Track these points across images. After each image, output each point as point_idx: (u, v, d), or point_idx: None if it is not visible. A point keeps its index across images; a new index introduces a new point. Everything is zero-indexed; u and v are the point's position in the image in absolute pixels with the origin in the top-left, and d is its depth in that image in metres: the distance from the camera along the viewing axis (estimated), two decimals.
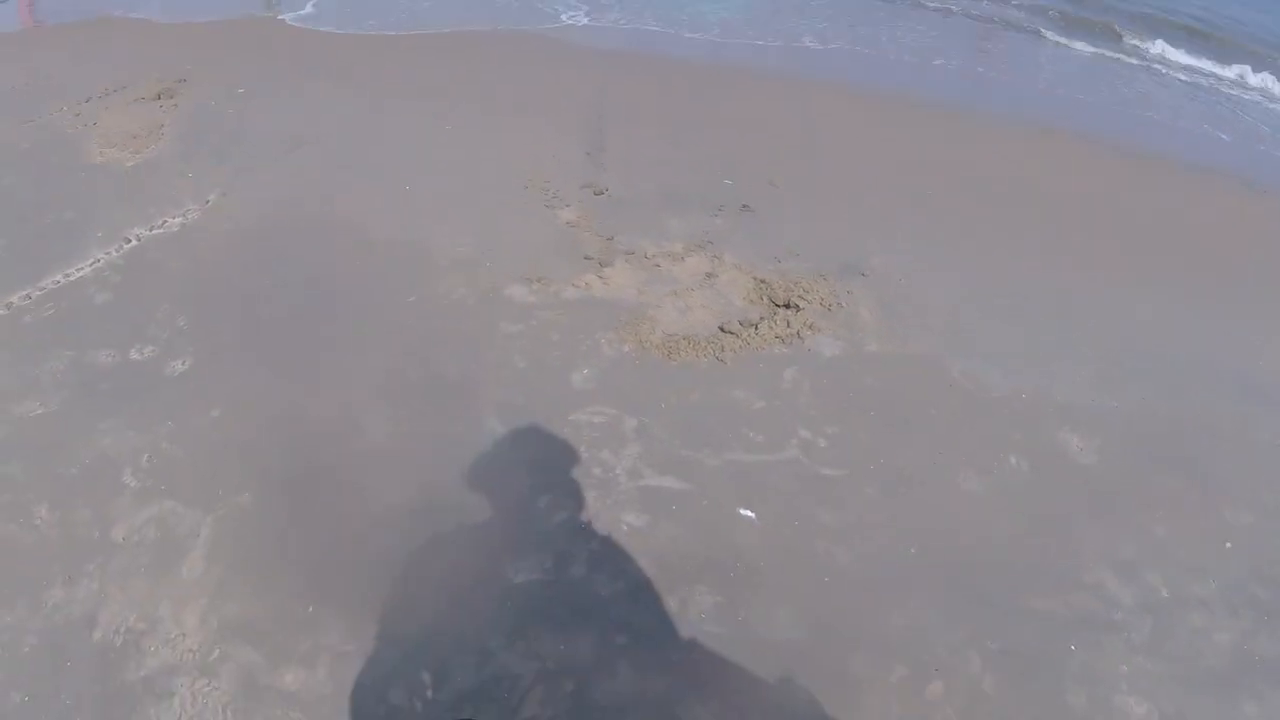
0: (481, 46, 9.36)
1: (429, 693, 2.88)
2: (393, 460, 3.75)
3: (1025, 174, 7.28)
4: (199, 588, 3.22)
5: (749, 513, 3.65)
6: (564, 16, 11.62)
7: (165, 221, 5.44)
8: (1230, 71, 13.35)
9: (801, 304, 4.97)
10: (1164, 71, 13.05)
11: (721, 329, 4.71)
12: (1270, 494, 4.07)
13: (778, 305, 4.98)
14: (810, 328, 4.78)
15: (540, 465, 3.75)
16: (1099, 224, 6.56)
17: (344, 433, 3.90)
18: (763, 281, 5.15)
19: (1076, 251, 6.05)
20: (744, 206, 6.00)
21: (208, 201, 5.67)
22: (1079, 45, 13.74)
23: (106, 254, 5.13)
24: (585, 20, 11.46)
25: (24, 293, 4.77)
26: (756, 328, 4.73)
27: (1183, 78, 12.89)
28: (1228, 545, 3.76)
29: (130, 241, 5.24)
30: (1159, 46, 14.00)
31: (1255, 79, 13.19)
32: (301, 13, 10.61)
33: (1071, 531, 3.74)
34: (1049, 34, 14.09)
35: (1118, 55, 13.58)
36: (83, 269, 5.00)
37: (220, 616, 3.12)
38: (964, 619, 3.30)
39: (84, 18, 9.99)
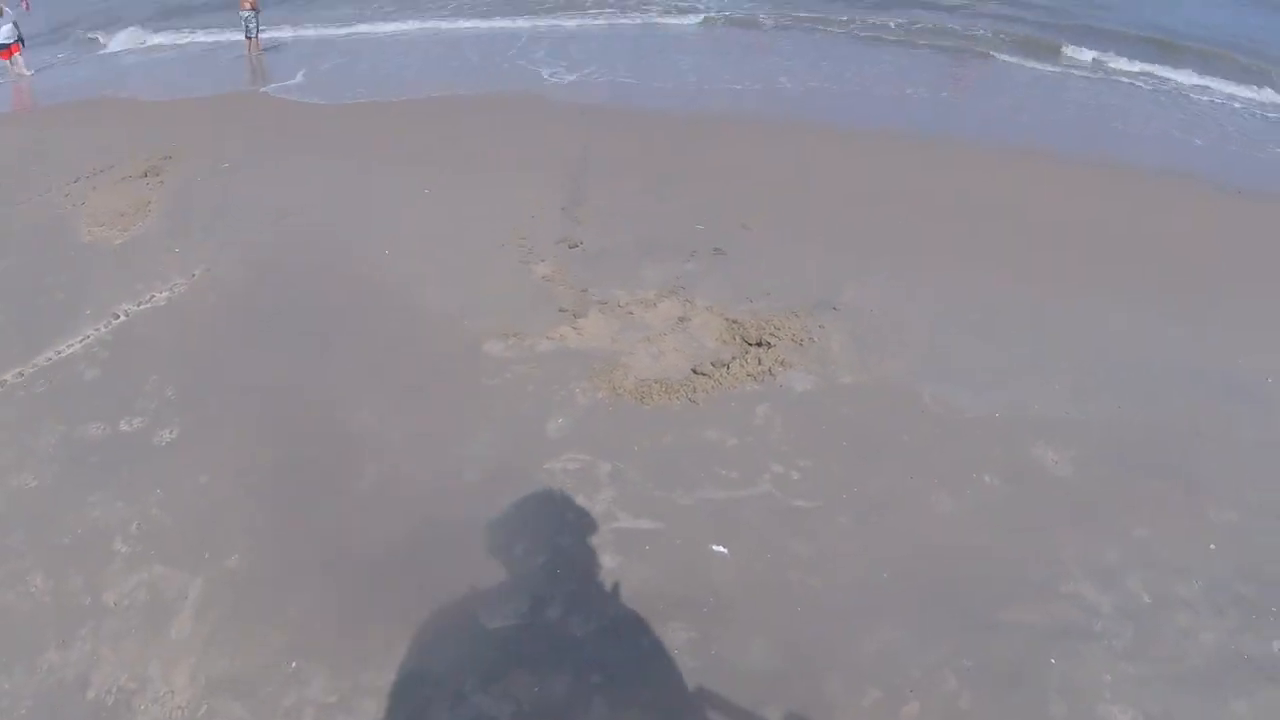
0: (463, 110, 9.70)
1: None
2: (373, 517, 3.89)
3: (997, 195, 7.52)
4: (187, 647, 3.34)
5: (722, 549, 3.74)
6: (545, 73, 12.02)
7: (152, 296, 5.65)
8: (1183, 76, 13.70)
9: (773, 341, 5.12)
10: (1126, 82, 13.41)
11: (694, 371, 4.87)
12: (1255, 491, 4.13)
13: (750, 344, 5.13)
14: (782, 364, 4.92)
15: (517, 514, 3.87)
16: (1071, 238, 6.76)
17: (327, 493, 4.05)
18: (735, 322, 5.31)
19: (1049, 267, 6.22)
20: (716, 250, 6.20)
21: (194, 275, 5.90)
22: (1035, 64, 14.17)
23: (96, 330, 5.33)
24: (570, 77, 11.82)
25: (17, 370, 4.97)
26: (728, 367, 4.88)
27: (1142, 85, 13.25)
28: (1211, 546, 3.80)
29: (118, 317, 5.45)
30: (1112, 58, 14.41)
31: (1211, 81, 13.55)
32: (289, 83, 10.99)
33: (1048, 543, 3.79)
34: (1006, 56, 14.53)
35: (1073, 70, 14.01)
36: (73, 345, 5.20)
37: (208, 674, 3.24)
38: (939, 639, 3.36)
39: (75, 98, 10.37)
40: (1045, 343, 5.27)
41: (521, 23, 17.57)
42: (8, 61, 16.35)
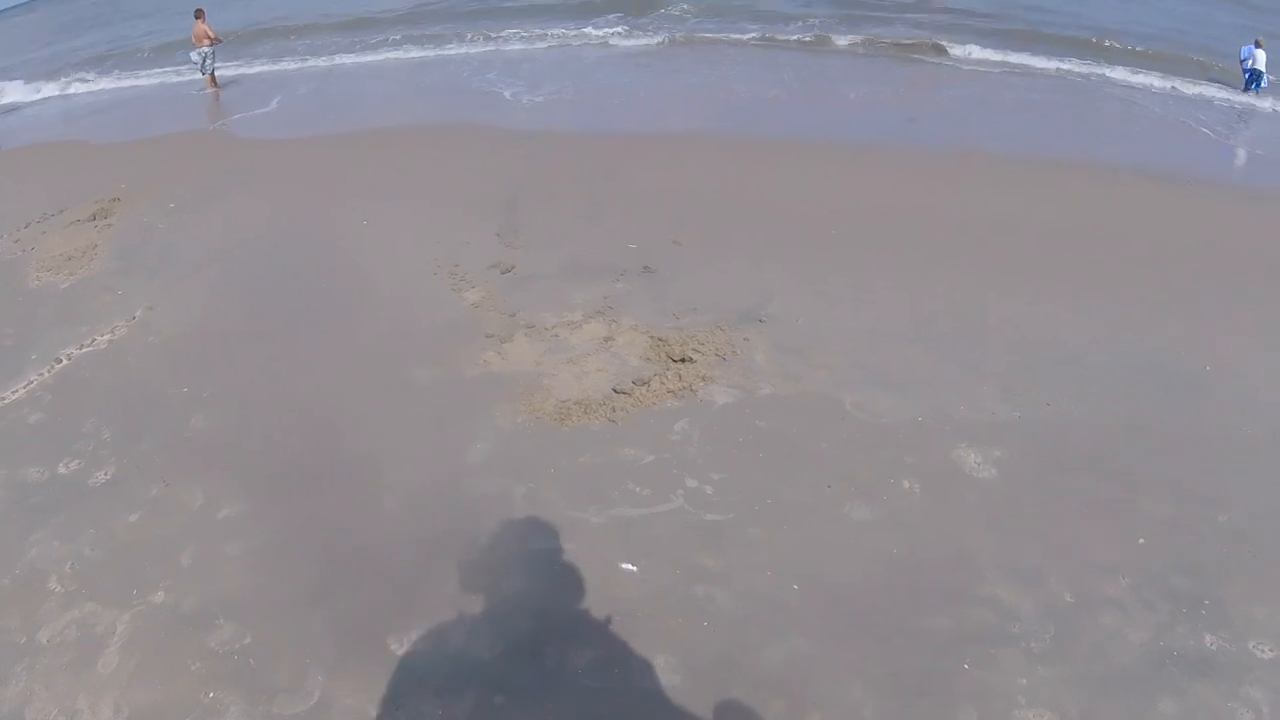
0: (405, 142, 9.96)
1: None
2: (287, 551, 4.09)
3: (933, 199, 7.75)
4: (113, 680, 3.54)
5: (630, 566, 3.90)
6: (503, 94, 12.28)
7: (95, 339, 5.87)
8: (1117, 72, 14.09)
9: (696, 356, 5.32)
10: (1077, 79, 13.78)
11: (615, 390, 5.06)
12: (1194, 481, 4.19)
13: (674, 360, 5.33)
14: (704, 379, 5.11)
15: (431, 539, 4.07)
16: (999, 237, 6.98)
17: (247, 527, 4.25)
18: (660, 339, 5.52)
19: (979, 267, 6.41)
20: (645, 268, 6.42)
21: (134, 317, 6.12)
22: (975, 65, 14.52)
23: (40, 375, 5.55)
24: (529, 97, 12.11)
25: None
26: (649, 385, 5.08)
27: (1081, 82, 13.66)
28: (1141, 540, 3.84)
29: (61, 361, 5.67)
30: (1049, 61, 14.83)
31: (1153, 79, 13.95)
32: (241, 119, 11.22)
33: (966, 547, 3.84)
34: (953, 55, 14.91)
35: (1015, 69, 14.40)
36: (18, 391, 5.42)
37: (131, 706, 3.43)
38: (845, 648, 3.43)
39: (29, 142, 10.61)
40: (974, 344, 5.39)
41: (468, 49, 17.99)
42: None
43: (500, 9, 22.59)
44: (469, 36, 19.11)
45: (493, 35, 18.99)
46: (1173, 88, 14.15)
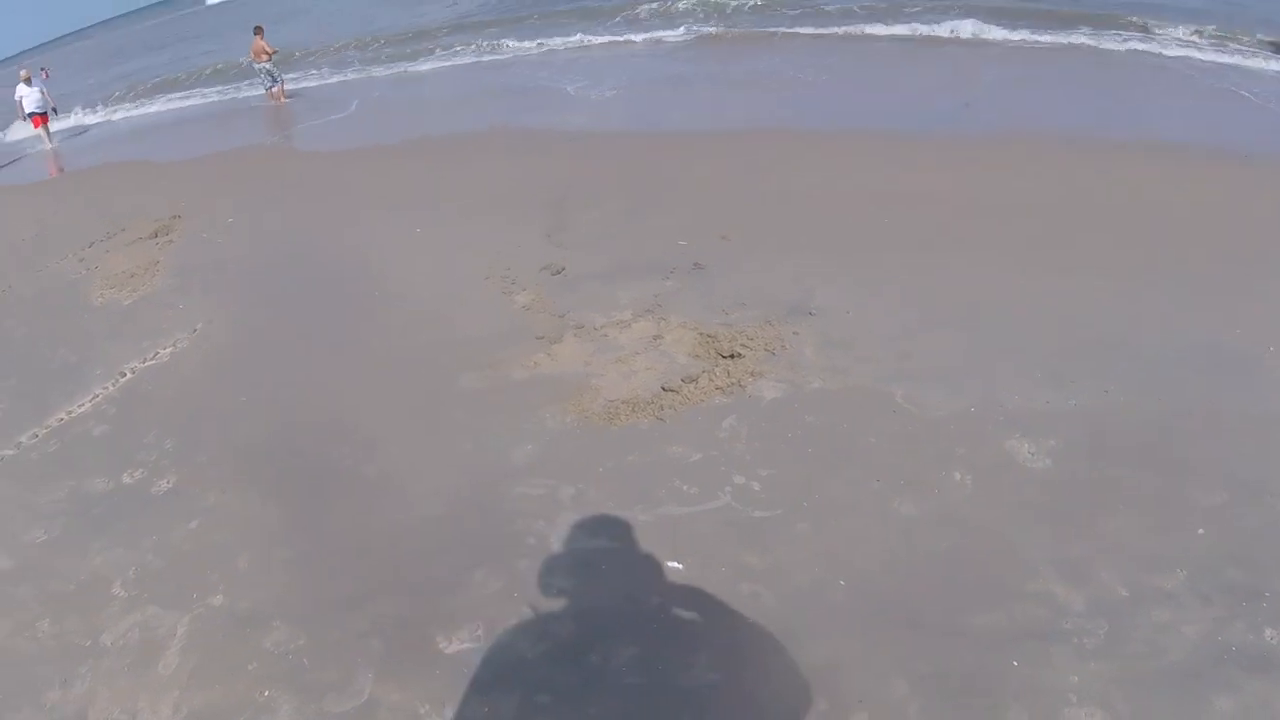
0: (455, 148, 10.12)
1: None
2: (337, 554, 4.19)
3: (972, 187, 7.57)
4: (173, 681, 3.66)
5: (676, 564, 3.88)
6: (567, 88, 12.43)
7: (157, 353, 6.10)
8: (1171, 49, 13.55)
9: (744, 352, 5.28)
10: (1122, 54, 13.37)
11: (663, 388, 5.05)
12: (1246, 468, 4.01)
13: (722, 357, 5.30)
14: (752, 374, 5.06)
15: (477, 541, 4.12)
16: (1044, 219, 6.75)
17: (300, 532, 4.37)
18: (709, 336, 5.49)
19: (1026, 251, 6.23)
20: (695, 265, 6.41)
21: (195, 330, 6.34)
22: (1001, 41, 14.14)
23: (104, 389, 5.78)
24: (578, 97, 12.24)
25: (31, 432, 5.44)
26: (696, 382, 5.06)
27: (1128, 56, 13.22)
28: (1200, 531, 3.68)
29: (125, 375, 5.90)
30: (1093, 39, 14.32)
31: (1206, 53, 13.40)
32: (302, 131, 11.55)
33: (1017, 541, 3.73)
34: (985, 33, 14.60)
35: (1063, 48, 14.03)
36: (84, 405, 5.66)
37: (190, 706, 3.54)
38: (892, 646, 3.34)
39: (94, 162, 11.08)
40: (1025, 331, 5.24)
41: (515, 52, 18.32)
42: (40, 130, 17.34)
43: (546, 12, 22.94)
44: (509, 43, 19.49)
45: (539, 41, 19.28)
46: (1225, 61, 13.50)
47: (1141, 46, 13.80)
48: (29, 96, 17.64)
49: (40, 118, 17.68)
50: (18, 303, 7.02)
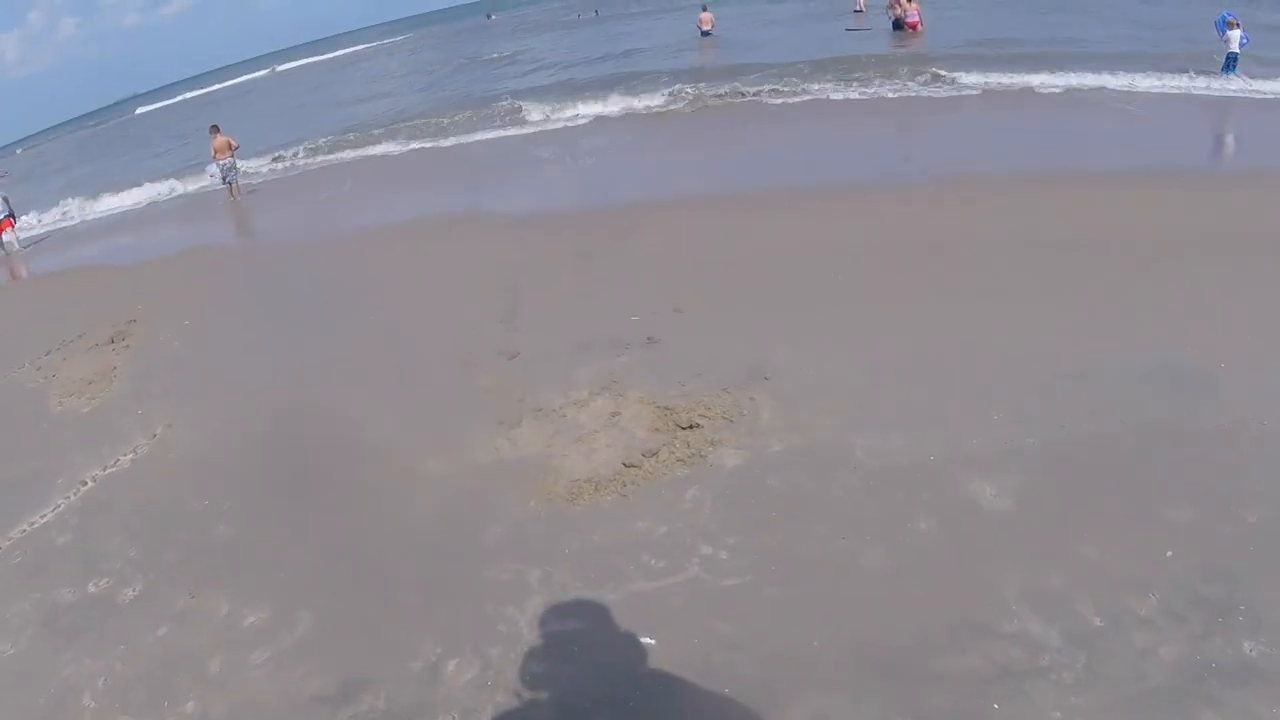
0: (412, 236, 10.35)
1: None
2: (312, 652, 4.24)
3: (921, 232, 7.96)
4: None
5: (650, 640, 3.96)
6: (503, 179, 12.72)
7: (117, 460, 6.15)
8: (1103, 79, 14.28)
9: (703, 422, 5.44)
10: (1052, 90, 14.07)
11: (625, 464, 5.19)
12: (1215, 481, 4.16)
13: (681, 428, 5.45)
14: (712, 443, 5.22)
15: (449, 631, 4.19)
16: (1004, 258, 7.09)
17: (272, 633, 4.41)
18: (666, 409, 5.66)
19: (974, 293, 6.50)
20: (649, 339, 6.62)
21: (155, 435, 6.40)
22: (956, 90, 14.81)
23: (66, 498, 5.81)
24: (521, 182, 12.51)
25: None
26: (657, 455, 5.21)
27: (1057, 93, 14.04)
28: (1169, 552, 3.79)
29: (86, 484, 5.94)
30: (1027, 77, 15.08)
31: (1130, 79, 14.16)
32: (259, 227, 11.66)
33: (987, 582, 3.83)
34: (947, 79, 15.25)
35: (994, 90, 14.75)
36: (46, 515, 5.68)
37: None
38: (870, 698, 3.42)
39: (51, 268, 11.14)
40: (980, 372, 5.43)
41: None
42: (8, 234, 16.81)
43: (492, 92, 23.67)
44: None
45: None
46: (1147, 85, 14.28)
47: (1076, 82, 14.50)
48: None
49: (6, 221, 17.13)
50: None
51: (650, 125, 16.80)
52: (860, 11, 27.55)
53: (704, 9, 28.86)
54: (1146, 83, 14.34)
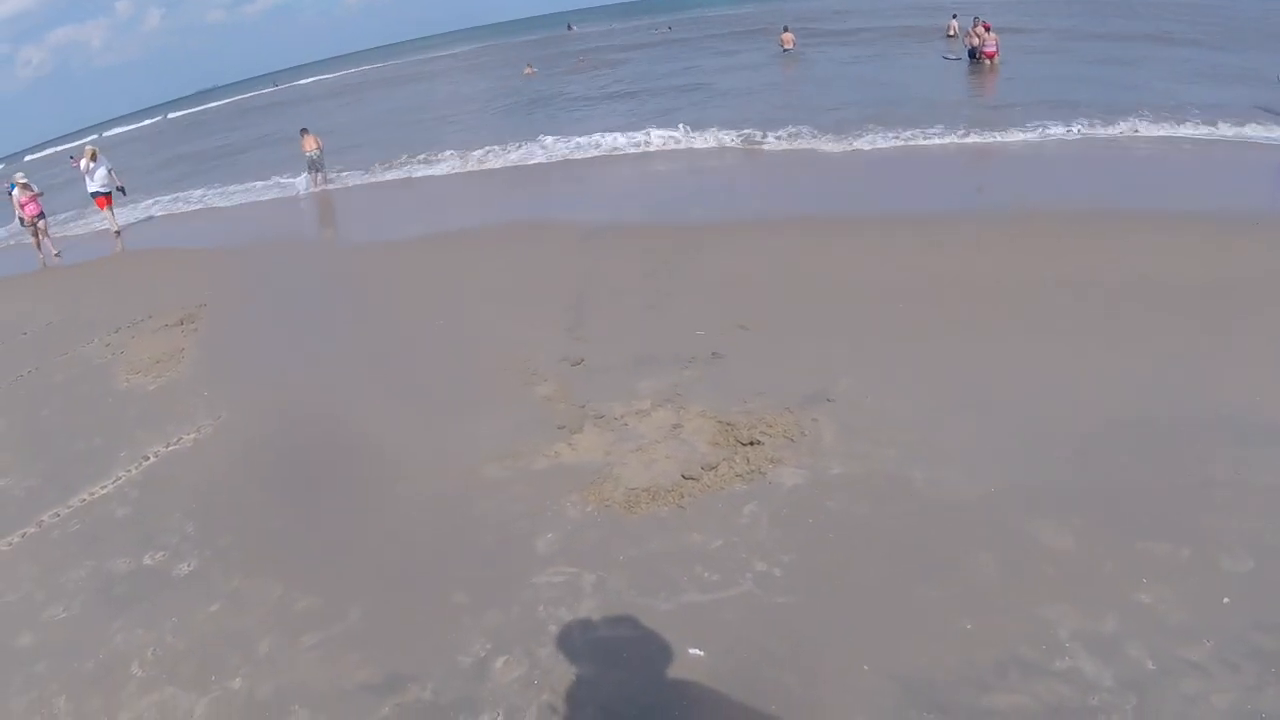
0: (480, 243, 10.50)
1: None
2: (361, 641, 4.29)
3: (993, 268, 7.82)
4: None
5: (699, 651, 3.94)
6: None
7: (180, 438, 6.32)
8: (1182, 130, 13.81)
9: (764, 439, 5.42)
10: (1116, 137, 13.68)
11: (684, 476, 5.19)
12: (1273, 534, 4.07)
13: (742, 444, 5.44)
14: (771, 461, 5.19)
15: (499, 630, 4.21)
16: (1073, 298, 6.93)
17: (323, 620, 4.48)
18: (728, 424, 5.65)
19: (1052, 332, 6.38)
20: (714, 354, 6.62)
21: (219, 417, 6.57)
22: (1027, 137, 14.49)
23: (127, 471, 5.97)
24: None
25: (53, 511, 5.62)
26: (716, 469, 5.20)
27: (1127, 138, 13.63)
28: (1225, 600, 3.72)
29: (148, 459, 6.10)
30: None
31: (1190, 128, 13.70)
32: (337, 225, 11.99)
33: (1042, 620, 3.77)
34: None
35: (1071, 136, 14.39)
36: (106, 486, 5.84)
37: None
38: None
39: (130, 248, 11.50)
40: (1043, 411, 5.35)
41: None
42: (105, 211, 16.76)
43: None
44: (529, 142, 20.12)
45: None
46: (1208, 131, 13.89)
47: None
48: (95, 175, 16.59)
49: (105, 198, 16.64)
50: (44, 384, 7.27)
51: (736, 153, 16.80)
52: (953, 36, 27.55)
53: (785, 30, 31.81)
54: (1230, 131, 13.94)
